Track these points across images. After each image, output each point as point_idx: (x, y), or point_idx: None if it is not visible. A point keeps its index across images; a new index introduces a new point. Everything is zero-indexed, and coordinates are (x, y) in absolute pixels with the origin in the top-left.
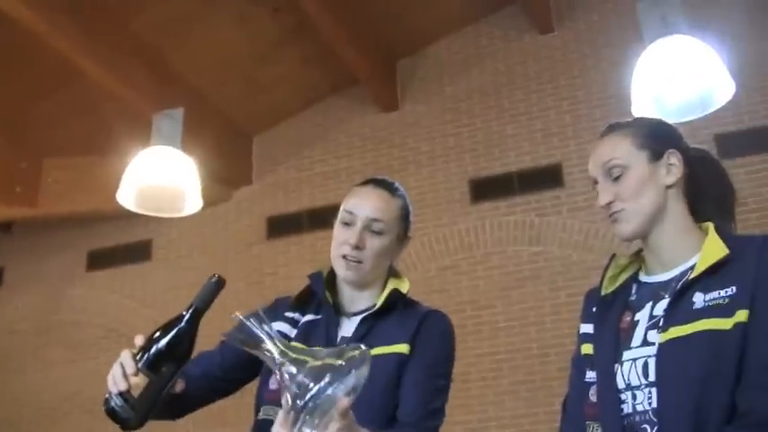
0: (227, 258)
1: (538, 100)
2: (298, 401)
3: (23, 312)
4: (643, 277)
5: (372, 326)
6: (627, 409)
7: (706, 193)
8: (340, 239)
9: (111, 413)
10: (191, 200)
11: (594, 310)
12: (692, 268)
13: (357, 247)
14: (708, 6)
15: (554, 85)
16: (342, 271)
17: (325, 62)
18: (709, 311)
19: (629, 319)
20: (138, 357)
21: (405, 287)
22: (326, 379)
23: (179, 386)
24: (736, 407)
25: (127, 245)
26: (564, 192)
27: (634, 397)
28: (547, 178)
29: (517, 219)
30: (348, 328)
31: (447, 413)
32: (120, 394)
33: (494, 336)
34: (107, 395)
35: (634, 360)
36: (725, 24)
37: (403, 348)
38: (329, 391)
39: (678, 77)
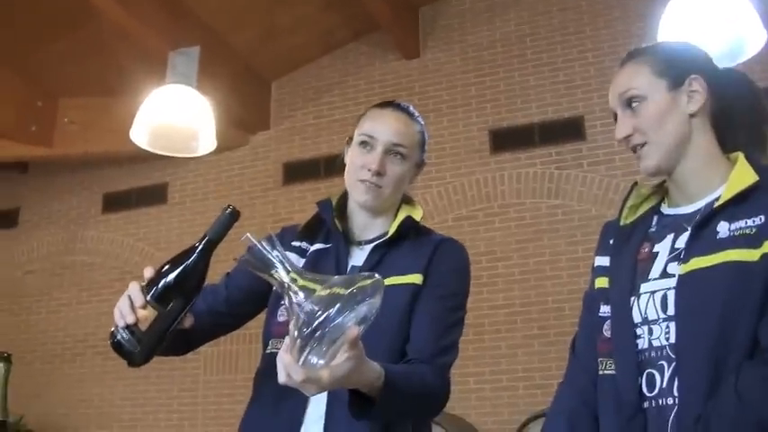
0: (243, 203)
1: (562, 51)
2: (305, 329)
3: (38, 253)
4: (665, 209)
5: (384, 255)
6: (642, 344)
7: (736, 120)
8: (358, 163)
9: (117, 347)
10: (205, 140)
11: (612, 242)
12: (718, 199)
13: (378, 173)
14: None
15: (579, 37)
16: (361, 196)
17: (346, 7)
18: (734, 241)
19: (647, 250)
20: (146, 290)
21: (418, 214)
22: (336, 306)
23: (188, 321)
24: (758, 341)
25: (142, 188)
26: (585, 145)
27: (650, 332)
28: (568, 131)
29: (537, 171)
30: (359, 257)
31: (459, 365)
32: (127, 327)
33: (509, 288)
34: (113, 328)
35: (652, 293)
36: None
37: (416, 279)
38: (339, 320)
39: (706, 26)
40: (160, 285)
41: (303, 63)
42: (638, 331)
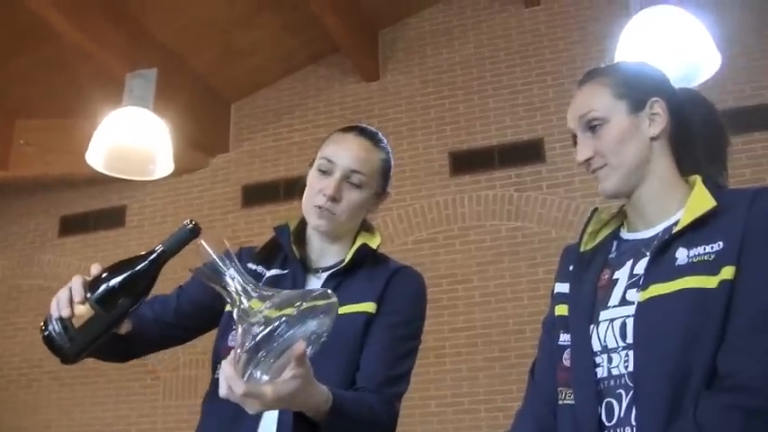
0: (203, 226)
1: (521, 73)
2: (249, 341)
3: None
4: (625, 234)
5: (340, 283)
6: (602, 372)
7: (695, 141)
8: (315, 188)
9: (48, 340)
10: (162, 163)
11: (572, 268)
12: (676, 224)
13: (333, 199)
14: None
15: (538, 59)
16: (314, 220)
17: (305, 29)
18: (692, 268)
19: (607, 277)
20: (89, 287)
21: (375, 242)
22: (284, 320)
23: (125, 327)
24: (718, 369)
25: (100, 211)
26: (544, 167)
27: (610, 360)
28: (528, 153)
29: (496, 193)
30: (315, 284)
31: (420, 388)
32: (61, 320)
33: (469, 311)
34: (46, 318)
35: (611, 320)
36: (714, 2)
37: (369, 307)
38: (286, 334)
39: (662, 50)
40: (103, 286)
41: (263, 85)
42: (598, 360)
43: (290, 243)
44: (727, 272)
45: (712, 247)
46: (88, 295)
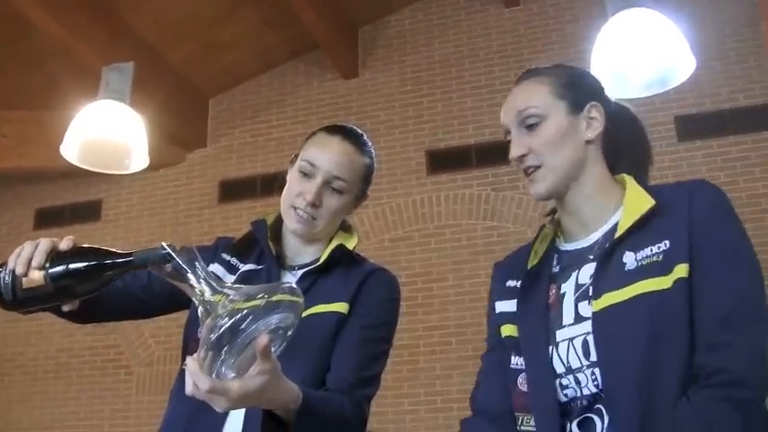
0: (178, 221)
1: (500, 73)
2: (212, 336)
3: None
4: (563, 245)
5: (314, 281)
6: (572, 393)
7: (623, 150)
8: (295, 190)
9: None
10: (137, 157)
11: (515, 284)
12: (616, 226)
13: (313, 204)
14: None
15: (517, 59)
16: (293, 224)
17: (285, 26)
18: (643, 271)
19: (554, 292)
20: (52, 257)
21: (351, 243)
22: (245, 313)
23: (68, 306)
24: (698, 370)
25: (76, 204)
26: None
27: (577, 381)
28: (505, 153)
29: (473, 192)
30: (290, 281)
31: (394, 386)
32: (13, 274)
33: (444, 309)
34: (2, 265)
35: (571, 339)
36: (691, 6)
37: (341, 308)
38: (249, 329)
39: (638, 52)
40: (62, 266)
41: (241, 81)
42: (564, 381)
43: (266, 239)
44: (681, 270)
45: (659, 247)
46: (47, 265)
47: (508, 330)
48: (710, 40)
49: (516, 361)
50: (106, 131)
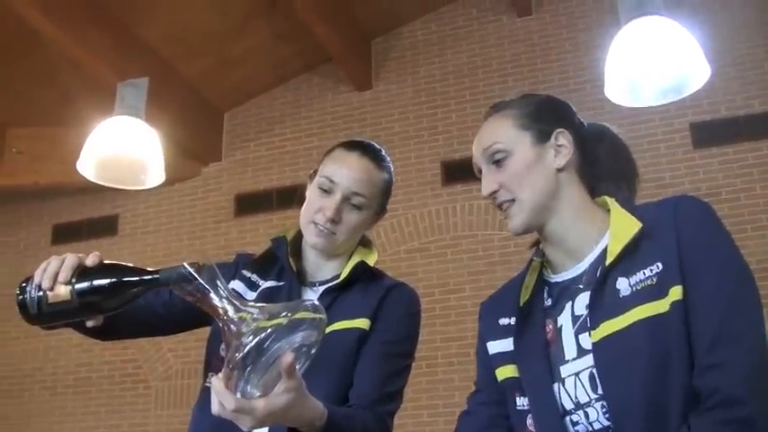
0: (195, 235)
1: (513, 83)
2: (237, 355)
3: None
4: (552, 277)
5: (335, 298)
6: (582, 430)
7: (603, 172)
8: (315, 206)
9: (20, 301)
10: (153, 173)
11: (508, 322)
12: (604, 252)
13: (333, 221)
14: None
15: (530, 69)
16: (312, 238)
17: (298, 39)
18: (638, 297)
19: (551, 327)
20: (78, 273)
21: (372, 259)
22: (268, 332)
23: (93, 322)
24: (698, 394)
25: (93, 219)
26: None
27: (587, 415)
28: None
29: (488, 203)
30: (310, 298)
31: (413, 398)
32: (40, 288)
33: (461, 320)
34: (28, 279)
35: (577, 374)
36: (702, 10)
37: (363, 323)
38: (273, 348)
39: (653, 60)
40: (88, 282)
41: (255, 94)
42: (575, 418)
43: (286, 255)
44: (675, 292)
45: (651, 270)
46: (73, 280)
47: (507, 372)
48: (724, 46)
49: (522, 402)
50: (122, 147)
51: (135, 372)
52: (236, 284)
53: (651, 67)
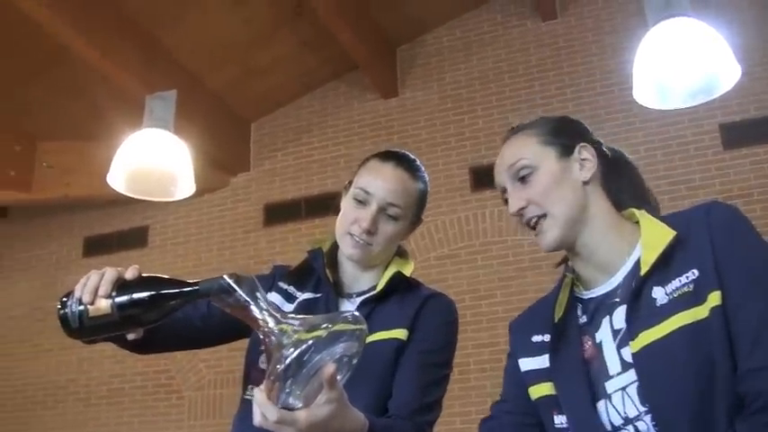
0: (224, 245)
1: (540, 87)
2: (278, 367)
3: (19, 299)
4: (584, 294)
5: (372, 309)
6: None
7: (623, 187)
8: (350, 217)
9: (62, 316)
10: (183, 184)
11: (541, 339)
12: (637, 263)
13: (369, 231)
14: None
15: (557, 73)
16: (349, 249)
17: (323, 47)
18: (676, 305)
19: (590, 344)
20: (118, 286)
21: (408, 269)
22: (309, 344)
23: (134, 335)
24: (742, 399)
25: (123, 231)
26: None
27: (637, 430)
28: None
29: None
30: (348, 309)
31: (446, 405)
32: (80, 302)
33: (493, 327)
34: (69, 294)
35: (624, 389)
36: (730, 9)
37: (401, 334)
38: (314, 359)
39: (682, 61)
40: (128, 295)
41: (282, 104)
42: None
43: (323, 267)
44: (714, 297)
45: (687, 277)
46: (113, 294)
47: (543, 390)
48: (752, 45)
49: (560, 420)
50: (152, 160)
51: (168, 382)
52: (274, 297)
53: (680, 68)
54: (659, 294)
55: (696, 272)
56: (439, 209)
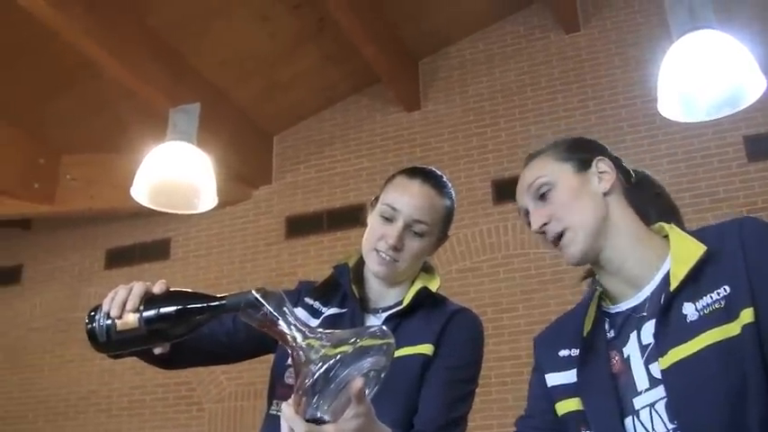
0: (246, 258)
1: (563, 100)
2: (306, 381)
3: (41, 310)
4: (611, 308)
5: (398, 324)
6: None
7: (647, 203)
8: (377, 233)
9: (90, 330)
10: (206, 197)
11: (569, 353)
12: (666, 278)
13: (395, 248)
14: (738, 2)
15: (579, 85)
16: (374, 266)
17: (346, 60)
18: (707, 321)
19: (618, 359)
20: (145, 300)
21: (435, 285)
22: (338, 358)
23: (160, 349)
24: None
25: (145, 243)
26: None
27: None
28: None
29: None
30: (377, 324)
31: (468, 418)
32: (108, 317)
33: (515, 339)
34: (97, 308)
35: (652, 405)
36: (756, 21)
37: (427, 349)
38: (342, 373)
39: (706, 74)
40: (156, 310)
41: (304, 117)
42: None
43: (349, 283)
44: (747, 315)
45: (719, 293)
46: (141, 308)
47: (570, 405)
48: None
49: None
50: (175, 172)
51: (188, 394)
52: (299, 312)
53: (705, 81)
54: (690, 310)
55: (728, 288)
56: (461, 222)
